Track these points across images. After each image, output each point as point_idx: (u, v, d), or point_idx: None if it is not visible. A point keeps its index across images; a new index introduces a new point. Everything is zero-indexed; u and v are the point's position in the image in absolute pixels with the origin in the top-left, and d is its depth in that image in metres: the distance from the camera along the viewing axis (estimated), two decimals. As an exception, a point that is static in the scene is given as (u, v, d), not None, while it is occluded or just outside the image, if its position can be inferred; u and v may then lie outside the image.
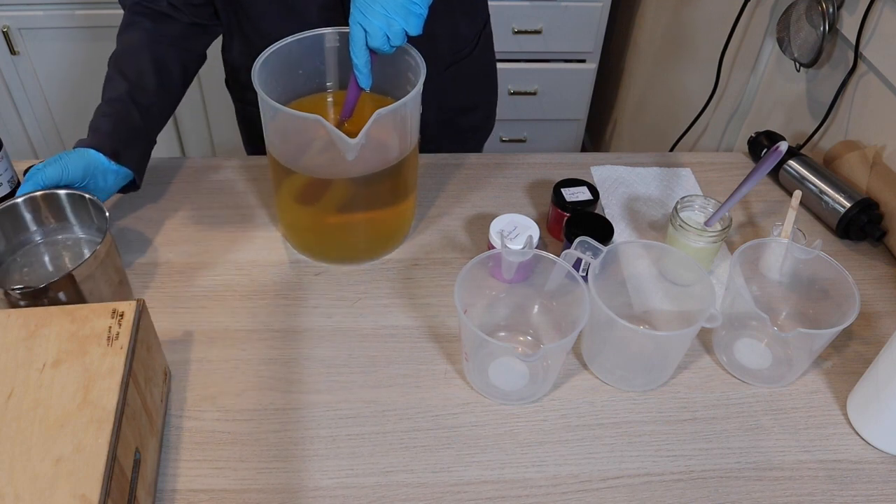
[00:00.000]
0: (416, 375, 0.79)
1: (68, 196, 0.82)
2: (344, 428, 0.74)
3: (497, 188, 1.04)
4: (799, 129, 1.22)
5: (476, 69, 1.15)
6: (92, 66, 1.94)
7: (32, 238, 0.83)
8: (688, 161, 1.10)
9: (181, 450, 0.72)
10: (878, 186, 0.96)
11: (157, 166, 1.04)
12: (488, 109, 1.24)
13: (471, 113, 1.20)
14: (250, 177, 1.04)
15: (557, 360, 0.77)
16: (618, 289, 0.87)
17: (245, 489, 0.69)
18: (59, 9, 1.82)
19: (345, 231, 0.90)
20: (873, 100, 1.04)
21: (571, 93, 2.11)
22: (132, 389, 0.64)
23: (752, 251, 0.82)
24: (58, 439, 0.58)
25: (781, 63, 1.30)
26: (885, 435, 0.74)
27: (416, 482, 0.70)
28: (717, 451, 0.74)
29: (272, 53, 0.81)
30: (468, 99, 1.18)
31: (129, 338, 0.65)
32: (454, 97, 1.14)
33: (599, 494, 0.70)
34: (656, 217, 1.00)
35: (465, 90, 1.15)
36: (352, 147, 0.73)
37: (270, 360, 0.80)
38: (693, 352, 0.83)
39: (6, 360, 0.63)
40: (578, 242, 0.78)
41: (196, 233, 0.95)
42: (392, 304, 0.87)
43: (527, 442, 0.74)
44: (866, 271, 0.94)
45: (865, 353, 0.83)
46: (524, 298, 0.82)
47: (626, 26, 2.11)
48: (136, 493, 0.62)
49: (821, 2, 1.10)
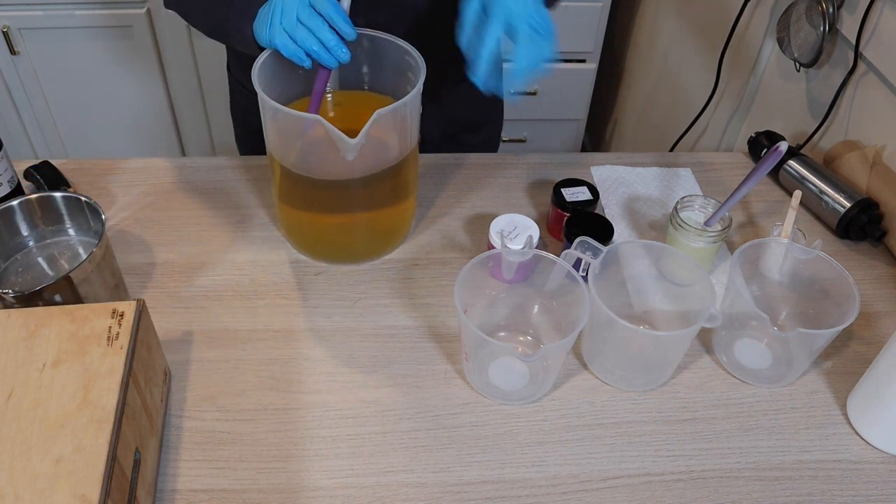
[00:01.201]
0: (416, 375, 0.79)
1: (64, 198, 0.82)
2: (344, 428, 0.74)
3: (497, 188, 1.04)
4: (799, 129, 1.22)
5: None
6: (92, 66, 1.94)
7: (28, 241, 0.83)
8: (688, 161, 1.10)
9: (181, 450, 0.72)
10: (878, 186, 0.96)
11: (157, 166, 1.04)
12: (494, 131, 1.24)
13: (476, 131, 1.20)
14: (250, 177, 1.04)
15: (557, 360, 0.77)
16: (618, 289, 0.87)
17: (245, 489, 0.69)
18: (59, 9, 1.82)
19: (345, 231, 0.90)
20: (873, 100, 1.04)
21: (571, 93, 2.11)
22: (132, 389, 0.64)
23: (752, 251, 0.82)
24: (58, 439, 0.58)
25: (781, 63, 1.30)
26: (885, 435, 0.74)
27: (416, 482, 0.70)
28: (716, 451, 0.74)
29: (272, 53, 0.81)
30: (476, 117, 1.18)
31: (129, 338, 0.65)
32: (464, 114, 1.14)
33: (599, 494, 0.70)
34: (656, 217, 1.00)
35: (474, 108, 1.15)
36: (352, 147, 0.73)
37: (270, 360, 0.80)
38: (693, 352, 0.83)
39: (6, 360, 0.63)
40: (578, 242, 0.78)
41: (196, 233, 0.95)
42: (392, 304, 0.87)
43: (527, 442, 0.74)
44: (866, 271, 0.94)
45: (865, 353, 0.83)
46: (524, 298, 0.82)
47: (626, 26, 2.11)
48: (136, 493, 0.62)
49: (821, 2, 1.10)
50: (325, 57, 0.75)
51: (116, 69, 1.96)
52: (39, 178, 0.97)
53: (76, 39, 1.88)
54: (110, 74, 1.97)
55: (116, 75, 1.97)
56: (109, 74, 1.97)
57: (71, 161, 1.03)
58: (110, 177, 1.02)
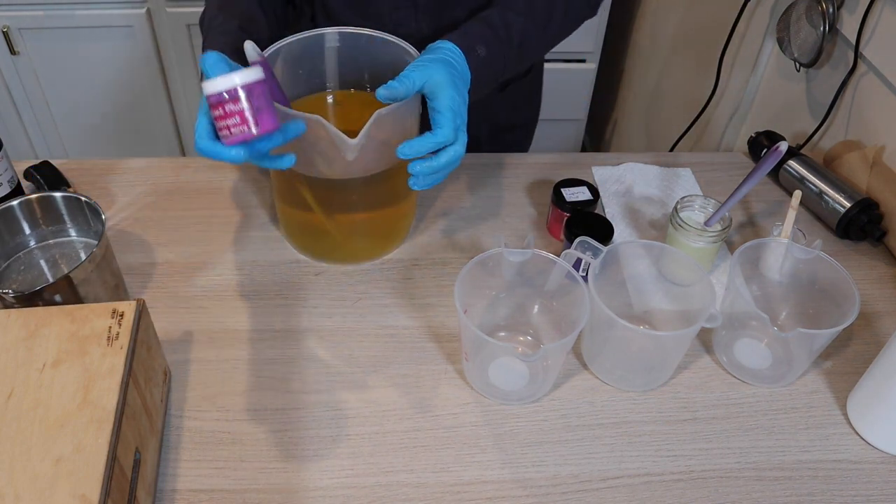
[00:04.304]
0: (416, 375, 0.79)
1: (64, 198, 0.82)
2: (344, 428, 0.74)
3: (497, 188, 1.03)
4: (799, 129, 1.22)
5: (528, 89, 1.16)
6: (92, 66, 1.94)
7: (28, 241, 0.83)
8: (688, 161, 1.10)
9: (181, 450, 0.72)
10: (878, 186, 0.96)
11: (157, 166, 1.04)
12: (530, 129, 1.25)
13: (517, 130, 1.21)
14: (250, 177, 1.04)
15: (557, 360, 0.77)
16: (618, 289, 0.87)
17: (245, 489, 0.69)
18: (59, 9, 1.82)
19: (345, 231, 0.90)
20: (873, 100, 1.04)
21: (571, 93, 2.11)
22: (132, 389, 0.64)
23: (752, 251, 0.82)
24: (58, 439, 0.58)
25: (781, 63, 1.30)
26: (885, 435, 0.74)
27: (416, 482, 0.70)
28: (716, 451, 0.74)
29: (272, 53, 0.81)
30: (516, 118, 1.19)
31: (129, 338, 0.65)
32: (506, 116, 1.15)
33: (599, 494, 0.70)
34: (656, 217, 1.00)
35: (515, 109, 1.16)
36: (352, 147, 0.73)
37: (270, 360, 0.80)
38: (693, 352, 0.83)
39: (6, 360, 0.63)
40: (578, 242, 0.78)
41: (196, 233, 0.95)
42: (392, 304, 0.87)
43: (527, 442, 0.74)
44: (866, 271, 0.94)
45: (865, 353, 0.83)
46: (524, 298, 0.82)
47: (626, 26, 2.11)
48: (136, 493, 0.62)
49: (821, 2, 1.10)
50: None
51: (116, 69, 1.96)
52: (39, 178, 0.97)
53: (76, 39, 1.88)
54: (110, 74, 1.97)
55: (116, 75, 1.97)
56: (109, 74, 1.97)
57: (71, 161, 1.03)
58: (110, 177, 1.02)
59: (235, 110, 0.64)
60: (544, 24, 0.88)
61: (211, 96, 0.64)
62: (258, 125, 0.65)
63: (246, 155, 0.67)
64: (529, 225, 0.98)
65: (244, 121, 0.64)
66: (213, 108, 0.65)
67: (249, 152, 0.67)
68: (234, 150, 0.66)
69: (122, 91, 2.01)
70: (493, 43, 0.82)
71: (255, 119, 0.64)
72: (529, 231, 0.97)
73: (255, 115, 0.64)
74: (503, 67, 0.84)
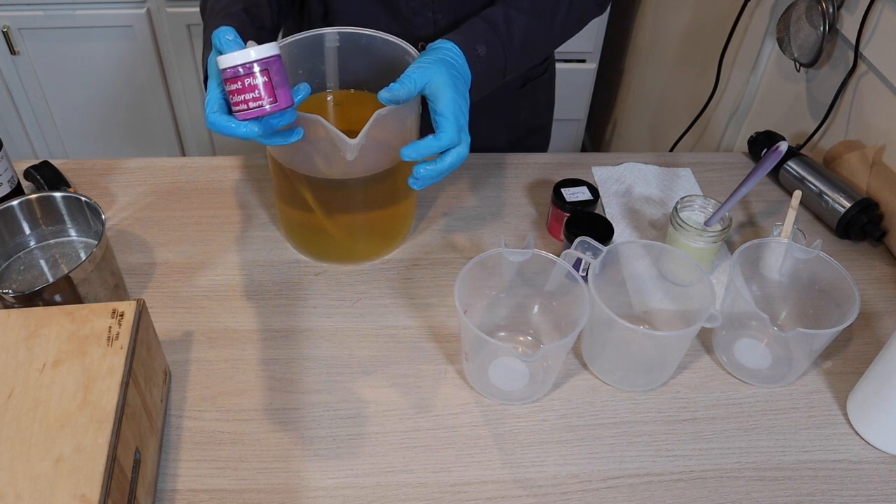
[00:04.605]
0: (416, 375, 0.79)
1: (64, 198, 0.82)
2: (344, 428, 0.74)
3: (497, 188, 1.04)
4: (799, 129, 1.22)
5: (543, 91, 1.16)
6: (92, 66, 1.94)
7: (28, 241, 0.83)
8: (688, 161, 1.10)
9: (181, 450, 0.72)
10: (878, 186, 0.96)
11: (157, 166, 1.04)
12: (548, 132, 1.25)
13: (535, 134, 1.21)
14: (250, 177, 1.04)
15: (557, 360, 0.77)
16: (618, 289, 0.87)
17: (245, 489, 0.69)
18: (59, 9, 1.82)
19: (345, 231, 0.90)
20: (873, 100, 1.04)
21: (571, 93, 2.11)
22: (132, 389, 0.64)
23: (752, 251, 0.82)
24: (58, 439, 0.58)
25: (781, 63, 1.30)
26: (885, 435, 0.74)
27: (416, 482, 0.70)
28: (716, 451, 0.74)
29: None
30: (534, 120, 1.18)
31: (129, 338, 0.65)
32: (524, 119, 1.15)
33: (599, 494, 0.70)
34: (656, 217, 1.00)
35: (532, 111, 1.16)
36: (352, 147, 0.73)
37: (270, 360, 0.80)
38: (693, 352, 0.83)
39: (6, 360, 0.63)
40: (578, 242, 0.78)
41: (196, 233, 0.95)
42: (392, 304, 0.87)
43: (527, 442, 0.74)
44: (866, 271, 0.94)
45: (865, 353, 0.83)
46: (524, 298, 0.82)
47: (626, 26, 2.11)
48: (136, 493, 0.62)
49: (821, 2, 1.10)
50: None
51: (116, 69, 1.96)
52: (39, 178, 0.97)
53: (76, 39, 1.88)
54: (110, 74, 1.97)
55: (116, 75, 1.97)
56: (109, 74, 1.97)
57: (71, 161, 1.03)
58: (110, 177, 1.03)
59: (253, 84, 0.64)
60: (549, 21, 0.88)
61: (227, 69, 0.63)
62: (275, 100, 0.64)
63: (259, 131, 0.66)
64: (529, 225, 0.98)
65: (261, 96, 0.64)
66: (228, 82, 0.64)
67: (263, 128, 0.67)
68: (247, 125, 0.66)
69: (122, 91, 2.01)
70: (493, 41, 0.82)
71: (272, 94, 0.64)
72: (529, 231, 0.97)
73: (273, 91, 0.64)
74: (504, 66, 0.84)
